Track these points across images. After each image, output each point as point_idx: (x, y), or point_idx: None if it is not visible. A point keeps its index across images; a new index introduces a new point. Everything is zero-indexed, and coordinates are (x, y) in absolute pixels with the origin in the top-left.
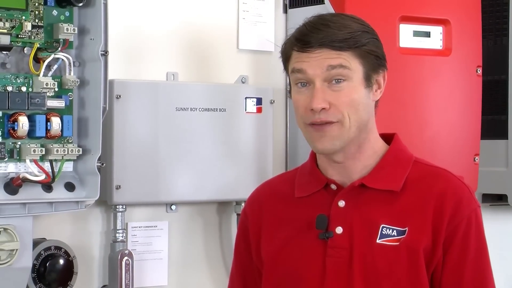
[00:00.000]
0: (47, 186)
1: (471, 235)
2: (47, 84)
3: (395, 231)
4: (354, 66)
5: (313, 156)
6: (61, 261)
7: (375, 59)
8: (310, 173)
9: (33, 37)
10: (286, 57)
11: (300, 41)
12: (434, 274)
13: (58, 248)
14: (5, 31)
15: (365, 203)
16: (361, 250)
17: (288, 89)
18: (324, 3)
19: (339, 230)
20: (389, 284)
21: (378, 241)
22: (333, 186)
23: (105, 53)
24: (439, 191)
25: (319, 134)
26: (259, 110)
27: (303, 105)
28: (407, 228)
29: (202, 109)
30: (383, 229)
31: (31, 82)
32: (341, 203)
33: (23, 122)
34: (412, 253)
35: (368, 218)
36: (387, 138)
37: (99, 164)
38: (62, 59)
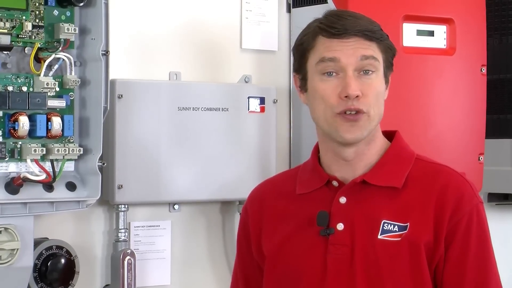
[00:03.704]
0: (48, 186)
1: (472, 231)
2: (48, 84)
3: (396, 226)
4: (380, 59)
5: (315, 153)
6: (63, 261)
7: (391, 57)
8: (312, 170)
9: (33, 37)
10: (307, 47)
11: (331, 28)
12: (437, 270)
13: (59, 247)
14: (6, 31)
15: (367, 199)
16: (363, 246)
17: (299, 84)
18: (327, 2)
19: (340, 226)
20: (391, 279)
21: (379, 236)
22: (335, 183)
23: (106, 53)
24: (440, 186)
25: (349, 123)
26: (262, 110)
27: (333, 94)
28: (408, 224)
29: (205, 109)
30: (385, 225)
31: (31, 82)
32: (342, 200)
33: (23, 122)
34: (413, 248)
35: (369, 214)
36: (389, 135)
37: (100, 163)
38: (63, 59)
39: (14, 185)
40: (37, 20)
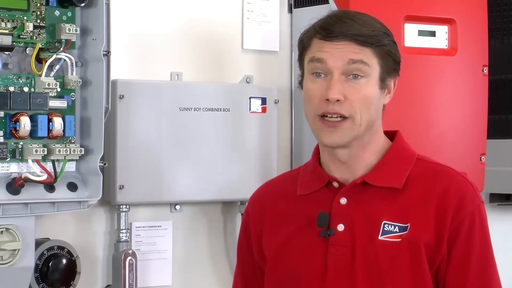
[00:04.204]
0: (49, 186)
1: (475, 231)
2: (49, 84)
3: (397, 227)
4: (373, 64)
5: (316, 154)
6: (64, 261)
7: (392, 62)
8: (313, 171)
9: (35, 38)
10: (305, 45)
11: (324, 30)
12: (439, 271)
13: (61, 248)
14: (7, 31)
15: (367, 200)
16: (363, 247)
17: (299, 80)
18: (328, 3)
19: (340, 227)
20: (392, 280)
21: (380, 237)
22: (335, 184)
23: (107, 53)
24: (442, 187)
25: (329, 129)
26: (263, 110)
27: (318, 95)
28: (409, 224)
29: (206, 109)
30: (385, 226)
31: (33, 82)
32: (343, 201)
33: (25, 123)
34: (414, 249)
35: (369, 215)
36: (390, 135)
37: (102, 164)
38: (64, 59)
39: (15, 185)
40: (38, 21)
